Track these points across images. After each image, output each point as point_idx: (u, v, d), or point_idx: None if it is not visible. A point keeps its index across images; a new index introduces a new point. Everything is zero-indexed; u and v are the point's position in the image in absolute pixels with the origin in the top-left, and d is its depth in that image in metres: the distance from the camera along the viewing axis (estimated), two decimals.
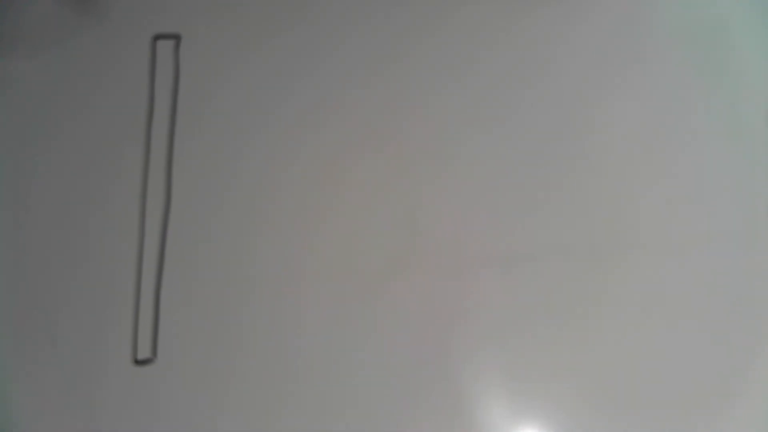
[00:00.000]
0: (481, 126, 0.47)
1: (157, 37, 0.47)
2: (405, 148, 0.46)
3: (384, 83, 0.47)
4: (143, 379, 0.44)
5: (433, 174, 0.46)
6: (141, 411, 0.44)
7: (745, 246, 0.46)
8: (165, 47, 0.47)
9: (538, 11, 0.47)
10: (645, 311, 0.45)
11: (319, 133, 0.46)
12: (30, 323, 0.44)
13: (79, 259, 0.45)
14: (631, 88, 0.47)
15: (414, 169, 0.46)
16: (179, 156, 0.46)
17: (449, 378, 0.45)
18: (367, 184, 0.46)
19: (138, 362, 0.45)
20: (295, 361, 0.45)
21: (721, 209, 0.46)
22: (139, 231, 0.46)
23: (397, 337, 0.44)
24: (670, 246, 0.46)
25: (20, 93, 0.46)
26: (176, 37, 0.47)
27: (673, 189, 0.46)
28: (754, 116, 0.47)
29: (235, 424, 0.44)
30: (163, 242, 0.46)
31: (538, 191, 0.46)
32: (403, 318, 0.45)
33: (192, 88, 0.47)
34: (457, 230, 0.46)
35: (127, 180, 0.46)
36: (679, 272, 0.46)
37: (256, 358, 0.45)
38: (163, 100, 0.47)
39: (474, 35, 0.47)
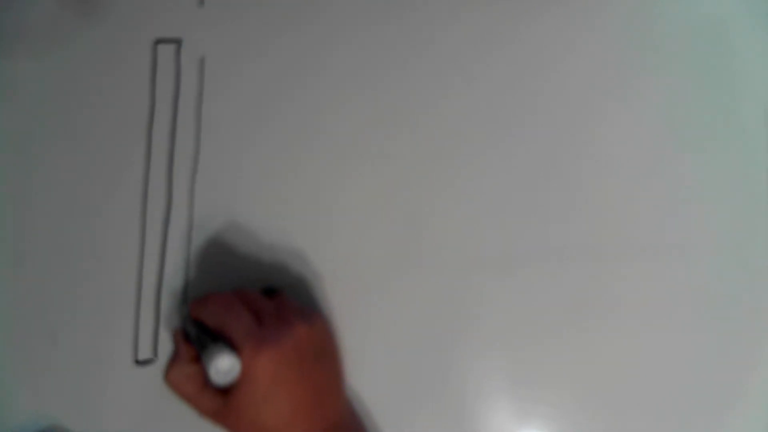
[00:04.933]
0: (485, 129, 0.47)
1: (159, 41, 0.47)
2: (409, 150, 0.47)
3: (388, 86, 0.47)
4: (144, 380, 0.45)
5: (437, 176, 0.46)
6: (142, 411, 0.44)
7: (745, 246, 0.46)
8: (166, 51, 0.47)
9: (542, 16, 0.47)
10: (646, 313, 0.45)
11: (322, 136, 0.47)
12: (30, 323, 0.44)
13: (80, 259, 0.45)
14: (632, 90, 0.47)
15: (418, 171, 0.46)
16: (180, 158, 0.46)
17: (452, 379, 0.45)
18: (371, 186, 0.46)
19: (139, 362, 0.45)
20: None
21: (721, 209, 0.46)
22: (140, 232, 0.46)
23: (399, 338, 0.44)
24: (671, 247, 0.46)
25: (20, 95, 0.46)
26: (177, 42, 0.47)
27: (674, 190, 0.46)
28: (754, 116, 0.47)
29: None
30: (164, 243, 0.46)
31: (540, 194, 0.46)
32: (406, 319, 0.45)
33: (193, 92, 0.47)
34: (460, 232, 0.46)
35: (129, 182, 0.46)
36: (680, 273, 0.46)
37: None
38: (164, 104, 0.47)
39: (477, 39, 0.47)
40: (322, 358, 0.43)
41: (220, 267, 0.45)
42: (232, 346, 0.39)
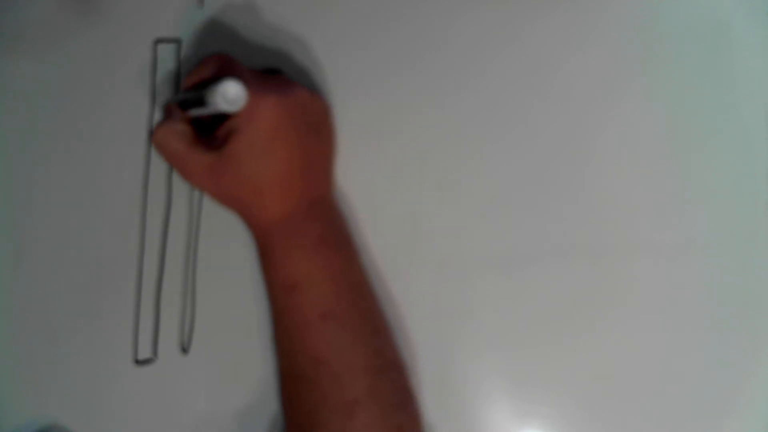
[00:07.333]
0: (485, 128, 0.47)
1: (159, 41, 0.47)
2: (408, 149, 0.47)
3: (390, 85, 0.47)
4: (144, 379, 0.45)
5: (436, 175, 0.46)
6: (142, 411, 0.44)
7: (745, 246, 0.46)
8: (166, 51, 0.47)
9: (544, 16, 0.47)
10: (646, 312, 0.45)
11: None
12: (30, 323, 0.45)
13: (80, 259, 0.45)
14: (632, 90, 0.47)
15: (417, 170, 0.46)
16: None
17: (452, 379, 0.45)
18: (368, 185, 0.46)
19: (139, 362, 0.45)
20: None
21: (722, 209, 0.46)
22: (140, 232, 0.46)
23: (398, 338, 0.44)
24: (671, 247, 0.46)
25: (20, 95, 0.46)
26: (177, 41, 0.47)
27: (674, 190, 0.46)
28: (754, 116, 0.47)
29: (236, 424, 0.44)
30: (163, 243, 0.46)
31: (540, 193, 0.46)
32: (404, 319, 0.45)
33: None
34: (459, 232, 0.46)
35: (128, 181, 0.46)
36: (680, 273, 0.46)
37: (257, 358, 0.45)
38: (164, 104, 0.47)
39: (479, 39, 0.47)
40: (321, 130, 0.42)
41: (218, 265, 0.46)
42: None
